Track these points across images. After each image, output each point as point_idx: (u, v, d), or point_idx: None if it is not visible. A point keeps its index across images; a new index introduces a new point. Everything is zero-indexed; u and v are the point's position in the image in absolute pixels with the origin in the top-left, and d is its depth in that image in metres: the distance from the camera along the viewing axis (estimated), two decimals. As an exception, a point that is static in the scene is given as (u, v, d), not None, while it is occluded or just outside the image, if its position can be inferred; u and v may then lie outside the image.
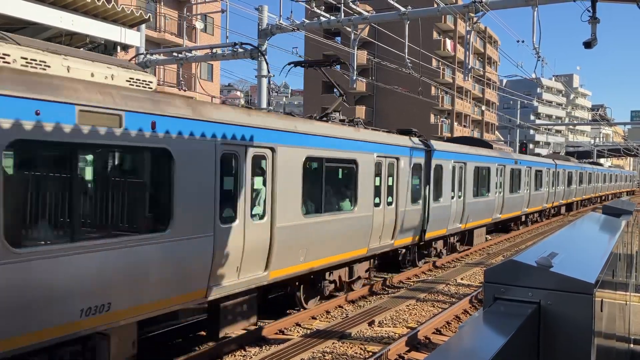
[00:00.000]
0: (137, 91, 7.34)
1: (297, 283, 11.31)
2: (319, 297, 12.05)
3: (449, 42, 65.62)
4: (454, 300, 12.95)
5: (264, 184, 9.59)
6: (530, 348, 2.32)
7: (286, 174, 9.88)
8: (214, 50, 20.01)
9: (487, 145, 23.34)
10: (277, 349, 9.07)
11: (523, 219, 28.30)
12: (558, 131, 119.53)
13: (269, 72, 18.58)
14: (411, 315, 11.62)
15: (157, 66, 30.17)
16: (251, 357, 8.97)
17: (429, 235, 16.24)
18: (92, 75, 6.98)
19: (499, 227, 26.77)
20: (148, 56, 20.26)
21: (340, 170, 12.47)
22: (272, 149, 9.57)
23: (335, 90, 67.40)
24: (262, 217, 9.45)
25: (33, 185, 6.04)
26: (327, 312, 11.93)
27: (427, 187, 15.96)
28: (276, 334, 10.27)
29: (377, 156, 13.26)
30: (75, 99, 6.22)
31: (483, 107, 69.97)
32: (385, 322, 11.09)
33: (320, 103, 65.61)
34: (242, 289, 9.09)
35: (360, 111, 64.16)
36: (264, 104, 18.62)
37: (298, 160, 10.31)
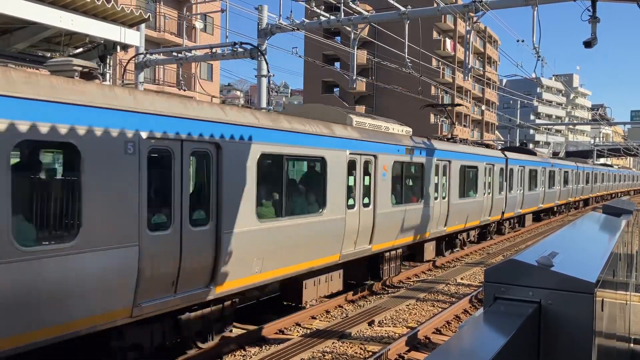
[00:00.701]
0: (409, 136, 15.60)
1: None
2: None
3: (448, 41, 65.61)
4: (454, 300, 12.94)
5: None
6: (531, 348, 2.31)
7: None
8: (214, 50, 20.00)
9: (531, 152, 28.13)
10: (277, 349, 9.07)
11: (555, 209, 36.05)
12: (558, 131, 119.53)
13: (268, 71, 18.58)
14: (411, 315, 11.61)
15: (157, 66, 30.16)
16: (251, 357, 8.96)
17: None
18: (401, 130, 16.12)
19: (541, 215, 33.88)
20: (148, 56, 20.25)
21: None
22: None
23: (335, 90, 67.16)
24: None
25: None
26: (327, 311, 11.93)
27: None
28: (276, 333, 10.26)
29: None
30: (404, 143, 14.69)
31: (483, 107, 69.96)
32: (385, 321, 11.08)
33: (321, 103, 65.64)
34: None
35: (361, 111, 64.13)
36: (264, 104, 18.61)
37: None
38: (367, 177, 12.88)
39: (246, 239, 8.89)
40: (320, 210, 11.10)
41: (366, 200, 12.87)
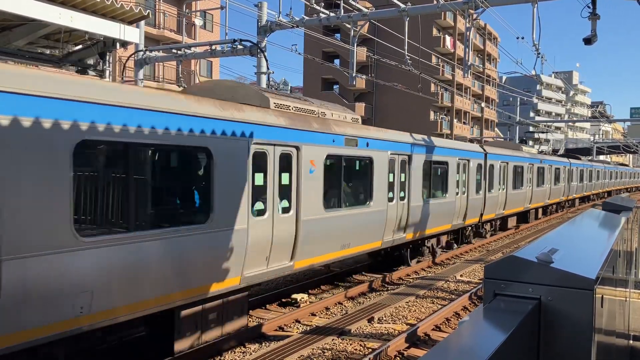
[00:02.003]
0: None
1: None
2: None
3: (448, 39, 65.52)
4: (453, 297, 12.96)
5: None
6: (531, 344, 2.31)
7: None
8: (213, 47, 19.98)
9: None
10: (276, 346, 9.08)
11: (591, 197, 44.08)
12: (557, 128, 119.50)
13: (268, 68, 18.56)
14: (410, 312, 11.62)
15: (156, 63, 30.12)
16: (251, 354, 8.97)
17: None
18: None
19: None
20: (147, 53, 20.23)
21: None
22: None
23: (334, 87, 67.12)
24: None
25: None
26: (327, 308, 11.94)
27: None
28: (276, 330, 10.27)
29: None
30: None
31: (483, 104, 69.90)
32: (384, 318, 11.10)
33: (320, 100, 65.59)
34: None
35: (360, 108, 64.11)
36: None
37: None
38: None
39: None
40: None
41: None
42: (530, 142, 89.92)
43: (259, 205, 9.58)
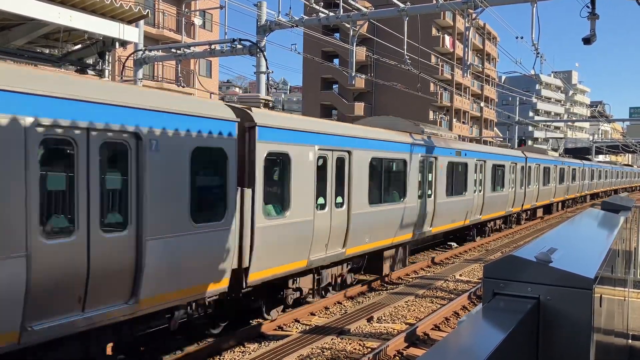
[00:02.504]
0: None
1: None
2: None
3: (447, 38, 65.53)
4: (452, 296, 12.97)
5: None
6: (530, 343, 2.31)
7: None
8: (213, 47, 19.97)
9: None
10: (276, 345, 9.09)
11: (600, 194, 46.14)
12: (557, 128, 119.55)
13: (267, 68, 18.55)
14: (410, 312, 11.63)
15: (156, 63, 30.12)
16: (250, 353, 8.97)
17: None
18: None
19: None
20: (146, 52, 20.22)
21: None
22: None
23: (334, 87, 67.10)
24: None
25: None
26: (326, 308, 11.94)
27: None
28: (275, 330, 10.28)
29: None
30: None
31: (482, 104, 69.93)
32: (384, 318, 11.10)
33: (319, 100, 65.60)
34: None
35: (359, 108, 64.11)
36: (263, 101, 18.58)
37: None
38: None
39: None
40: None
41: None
42: (530, 142, 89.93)
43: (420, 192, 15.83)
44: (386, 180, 14.01)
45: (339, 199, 11.86)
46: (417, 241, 17.71)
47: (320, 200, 11.15)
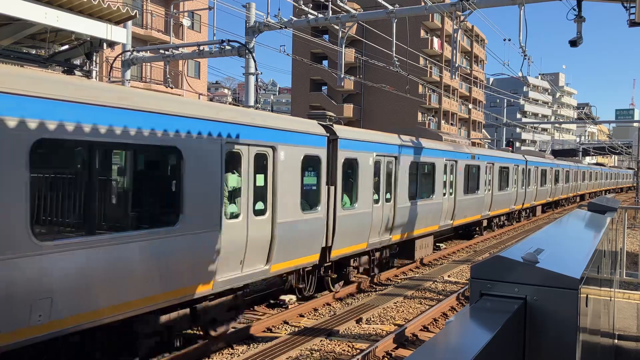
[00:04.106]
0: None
1: None
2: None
3: (436, 40, 65.81)
4: (440, 297, 13.01)
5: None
6: (517, 343, 2.33)
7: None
8: (201, 48, 19.90)
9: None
10: (264, 347, 9.07)
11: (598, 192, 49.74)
12: (544, 129, 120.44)
13: (256, 69, 18.52)
14: (398, 313, 11.66)
15: (144, 63, 29.97)
16: (239, 355, 8.95)
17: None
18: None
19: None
20: (134, 53, 20.12)
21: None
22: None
23: (323, 88, 67.12)
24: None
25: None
26: (315, 309, 11.93)
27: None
28: (264, 331, 10.26)
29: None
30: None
31: (470, 106, 70.27)
32: (373, 319, 11.12)
33: (308, 101, 65.60)
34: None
35: (349, 109, 64.18)
36: (252, 102, 18.56)
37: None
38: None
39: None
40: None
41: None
42: (517, 144, 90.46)
43: (443, 190, 18.08)
44: (420, 180, 16.77)
45: (388, 195, 14.59)
46: (441, 232, 20.79)
47: (375, 196, 13.90)
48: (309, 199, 11.43)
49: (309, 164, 11.27)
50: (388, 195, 14.56)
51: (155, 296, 7.58)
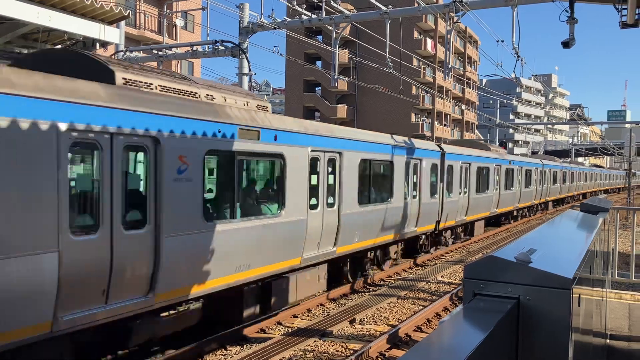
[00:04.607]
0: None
1: None
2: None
3: (429, 41, 65.95)
4: (434, 297, 13.03)
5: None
6: (510, 343, 2.33)
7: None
8: (195, 48, 19.87)
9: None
10: (258, 348, 9.05)
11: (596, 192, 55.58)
12: (537, 130, 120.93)
13: (250, 70, 18.51)
14: (392, 313, 11.67)
15: (137, 64, 29.84)
16: (232, 357, 8.93)
17: None
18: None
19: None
20: (127, 53, 20.05)
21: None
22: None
23: (316, 89, 67.08)
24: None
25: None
26: (309, 310, 11.93)
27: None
28: (257, 332, 10.24)
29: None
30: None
31: (463, 107, 70.44)
32: (366, 320, 11.12)
33: (302, 102, 65.59)
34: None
35: (342, 110, 64.21)
36: (245, 102, 18.54)
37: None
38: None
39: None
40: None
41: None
42: (510, 145, 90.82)
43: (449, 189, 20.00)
44: (479, 180, 23.14)
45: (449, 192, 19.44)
46: (457, 226, 22.67)
47: (433, 191, 18.02)
48: (430, 191, 17.83)
49: (432, 169, 17.87)
50: (451, 191, 20.01)
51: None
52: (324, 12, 17.80)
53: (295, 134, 10.70)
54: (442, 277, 15.43)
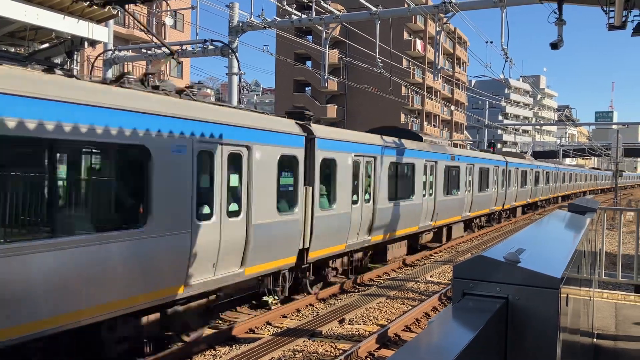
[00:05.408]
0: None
1: None
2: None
3: (419, 42, 66.16)
4: (423, 297, 13.07)
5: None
6: (498, 342, 2.34)
7: None
8: (184, 47, 19.80)
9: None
10: (247, 348, 9.03)
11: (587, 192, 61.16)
12: (525, 131, 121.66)
13: (239, 69, 18.47)
14: (381, 313, 11.68)
15: (125, 63, 29.68)
16: (221, 357, 8.90)
17: None
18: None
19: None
20: (116, 52, 19.93)
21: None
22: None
23: (306, 89, 66.92)
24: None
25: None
26: (298, 310, 11.92)
27: None
28: (246, 333, 10.21)
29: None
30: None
31: (452, 107, 70.74)
32: (355, 319, 11.13)
33: (292, 102, 65.53)
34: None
35: (332, 110, 64.23)
36: (235, 102, 18.50)
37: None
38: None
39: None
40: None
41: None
42: (499, 145, 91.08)
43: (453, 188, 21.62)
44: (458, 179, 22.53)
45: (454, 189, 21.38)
46: (464, 222, 23.48)
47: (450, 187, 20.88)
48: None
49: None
50: (456, 189, 21.49)
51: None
52: (314, 12, 17.80)
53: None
54: (430, 277, 15.48)
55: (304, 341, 9.53)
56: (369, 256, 16.06)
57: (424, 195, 18.31)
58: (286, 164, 10.96)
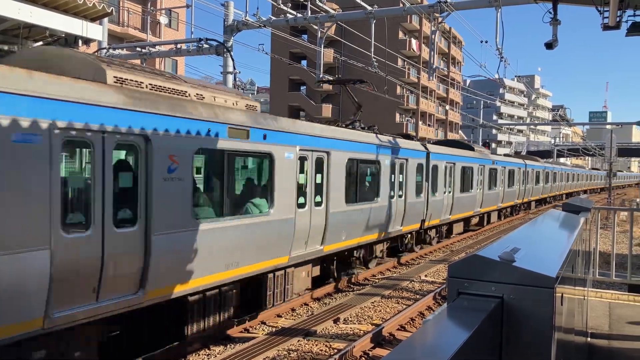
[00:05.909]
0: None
1: None
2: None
3: (414, 42, 66.22)
4: (418, 297, 13.08)
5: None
6: (493, 342, 2.34)
7: None
8: (179, 46, 19.76)
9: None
10: (241, 348, 9.01)
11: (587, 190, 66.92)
12: (520, 131, 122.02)
13: (234, 68, 18.43)
14: (376, 312, 11.69)
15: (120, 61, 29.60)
16: (215, 356, 8.88)
17: None
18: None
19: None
20: (111, 51, 19.86)
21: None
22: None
23: (301, 88, 66.52)
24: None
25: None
26: (293, 309, 11.91)
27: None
28: (241, 332, 10.20)
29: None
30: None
31: (447, 107, 70.87)
32: (350, 319, 11.13)
33: (287, 101, 65.50)
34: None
35: (327, 109, 64.22)
36: (230, 101, 18.45)
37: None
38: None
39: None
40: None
41: (479, 187, 26.41)
42: (493, 145, 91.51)
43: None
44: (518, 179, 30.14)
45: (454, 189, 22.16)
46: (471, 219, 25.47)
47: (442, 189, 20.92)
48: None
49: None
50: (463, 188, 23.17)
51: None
52: (310, 11, 17.79)
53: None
54: (425, 276, 15.50)
55: (298, 340, 9.52)
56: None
57: (480, 189, 25.87)
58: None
